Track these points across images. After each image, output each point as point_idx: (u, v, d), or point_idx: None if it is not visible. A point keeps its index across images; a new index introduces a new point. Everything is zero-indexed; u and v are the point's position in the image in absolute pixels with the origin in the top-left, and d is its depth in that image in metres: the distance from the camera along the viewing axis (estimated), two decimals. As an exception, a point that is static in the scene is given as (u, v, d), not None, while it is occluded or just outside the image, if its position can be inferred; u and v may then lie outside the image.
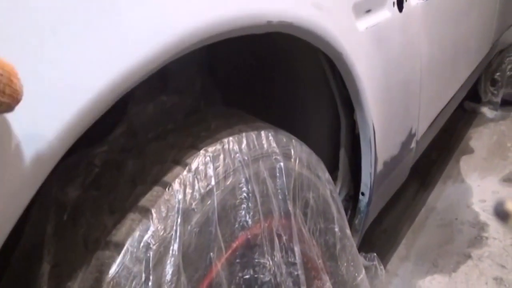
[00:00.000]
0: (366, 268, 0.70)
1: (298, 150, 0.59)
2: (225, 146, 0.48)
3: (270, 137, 0.54)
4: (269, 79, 0.73)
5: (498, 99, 2.18)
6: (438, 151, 1.71)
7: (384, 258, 1.24)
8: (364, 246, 1.04)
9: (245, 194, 0.48)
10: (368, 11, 0.73)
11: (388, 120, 0.79)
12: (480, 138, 1.89)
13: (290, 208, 0.54)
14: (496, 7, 1.72)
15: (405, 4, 0.85)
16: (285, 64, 0.71)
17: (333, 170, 0.77)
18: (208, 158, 0.45)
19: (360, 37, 0.69)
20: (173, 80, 0.59)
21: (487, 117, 2.11)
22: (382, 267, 0.74)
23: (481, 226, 1.39)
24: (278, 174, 0.53)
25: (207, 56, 0.69)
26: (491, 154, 1.78)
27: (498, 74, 2.18)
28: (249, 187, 0.48)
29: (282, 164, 0.54)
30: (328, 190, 0.64)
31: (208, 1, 0.41)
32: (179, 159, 0.44)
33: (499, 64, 2.17)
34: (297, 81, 0.73)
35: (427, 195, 1.48)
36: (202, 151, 0.46)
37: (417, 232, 1.32)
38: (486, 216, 1.43)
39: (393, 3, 0.81)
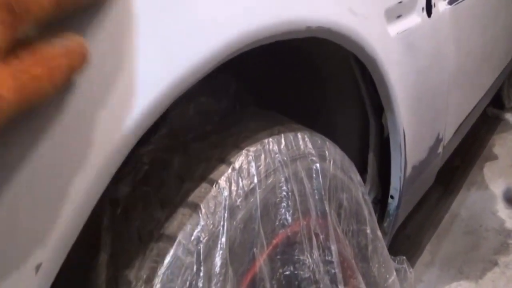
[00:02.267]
0: (396, 270, 0.70)
1: (332, 152, 0.60)
2: (265, 147, 0.49)
3: (306, 139, 0.56)
4: (296, 84, 0.75)
5: (522, 106, 2.16)
6: (462, 157, 1.70)
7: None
8: (389, 251, 1.04)
9: (284, 193, 0.49)
10: (399, 16, 0.74)
11: (417, 125, 0.80)
12: (504, 145, 1.87)
13: (326, 208, 0.55)
14: (521, 13, 1.70)
15: (433, 10, 0.86)
16: (312, 69, 0.72)
17: (361, 173, 0.78)
18: (250, 158, 0.47)
19: (391, 42, 0.70)
20: (209, 82, 0.61)
21: (511, 124, 2.09)
22: (411, 270, 0.74)
23: (508, 233, 1.37)
24: (314, 175, 0.55)
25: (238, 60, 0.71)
26: (516, 161, 1.75)
27: (522, 80, 2.15)
28: (289, 186, 0.50)
29: (318, 165, 0.55)
30: (360, 192, 0.65)
31: (256, 7, 0.43)
32: (224, 158, 0.46)
33: (522, 71, 2.15)
34: (325, 85, 0.74)
35: (451, 201, 1.47)
36: (244, 151, 0.47)
37: (442, 239, 1.31)
38: (512, 223, 1.41)
39: (422, 8, 0.82)
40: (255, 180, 0.46)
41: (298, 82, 0.74)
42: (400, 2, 0.73)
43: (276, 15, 0.46)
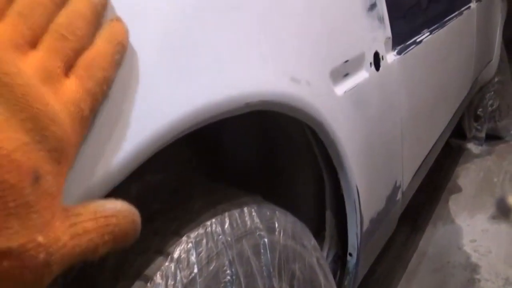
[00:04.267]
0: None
1: (282, 222, 0.59)
2: (207, 229, 0.48)
3: (253, 213, 0.54)
4: (250, 147, 0.74)
5: (482, 134, 2.23)
6: (427, 192, 1.73)
7: (378, 308, 1.22)
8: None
9: (229, 277, 0.47)
10: (346, 75, 0.75)
11: (372, 178, 0.80)
12: (468, 176, 1.91)
13: (275, 284, 0.53)
14: (474, 47, 1.79)
15: (381, 63, 0.88)
16: (266, 131, 0.72)
17: (320, 230, 0.77)
18: (190, 245, 0.45)
19: (339, 102, 0.71)
20: (160, 157, 0.60)
21: (473, 153, 2.15)
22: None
23: (473, 268, 1.38)
24: (262, 251, 0.53)
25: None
26: (479, 191, 1.80)
27: (480, 110, 2.23)
28: (233, 269, 0.48)
29: (266, 239, 0.54)
30: (314, 258, 0.63)
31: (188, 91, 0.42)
32: (162, 248, 0.44)
33: (480, 100, 2.24)
34: (279, 147, 0.74)
35: (418, 239, 1.48)
36: (184, 238, 0.46)
37: (411, 280, 1.31)
38: (477, 257, 1.43)
39: (370, 63, 0.84)
40: (195, 269, 0.44)
41: (253, 145, 0.74)
42: (346, 61, 0.74)
43: (207, 97, 0.45)
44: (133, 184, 0.53)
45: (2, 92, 0.24)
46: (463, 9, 1.57)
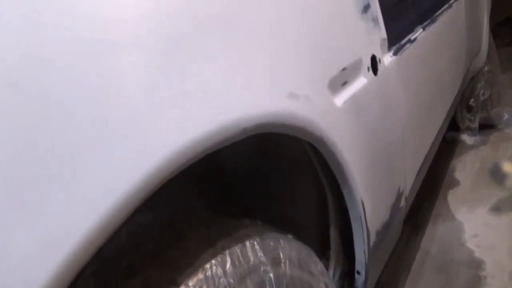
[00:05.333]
0: None
1: (287, 250, 0.54)
2: (207, 273, 0.43)
3: (256, 246, 0.50)
4: (245, 164, 0.69)
5: (475, 125, 2.22)
6: (425, 189, 1.70)
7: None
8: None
9: (234, 324, 0.43)
10: (344, 83, 0.71)
11: (375, 189, 0.76)
12: (464, 168, 1.89)
13: (285, 323, 0.49)
14: (464, 38, 1.76)
15: (379, 66, 0.84)
16: (263, 150, 0.68)
17: (325, 249, 0.73)
18: (189, 295, 0.41)
19: (339, 113, 0.67)
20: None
21: (468, 144, 2.13)
22: None
23: (478, 264, 1.36)
24: (268, 287, 0.49)
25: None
26: (477, 184, 1.77)
27: (472, 100, 2.22)
28: (238, 314, 0.43)
29: (271, 274, 0.50)
30: (323, 284, 0.59)
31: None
32: (157, 302, 0.40)
33: (472, 91, 2.22)
34: (278, 165, 0.69)
35: (420, 238, 1.45)
36: (182, 287, 0.41)
37: (416, 282, 1.28)
38: (481, 252, 1.41)
39: (368, 68, 0.80)
40: (196, 323, 0.40)
41: (249, 165, 0.69)
42: (344, 68, 0.70)
43: (201, 127, 0.40)
44: (122, 228, 0.48)
45: None
46: (452, 1, 1.54)
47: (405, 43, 1.01)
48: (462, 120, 2.16)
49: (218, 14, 0.44)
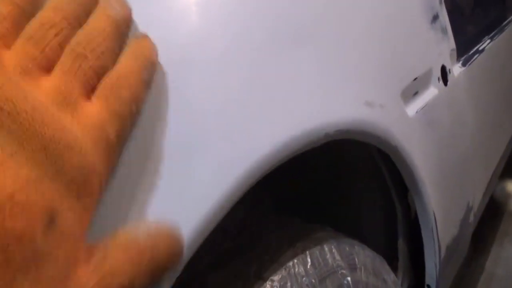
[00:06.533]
0: None
1: (362, 257, 0.55)
2: (290, 271, 0.45)
3: (334, 249, 0.51)
4: (315, 177, 0.70)
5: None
6: (488, 206, 1.62)
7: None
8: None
9: (316, 324, 0.44)
10: (416, 93, 0.71)
11: (446, 202, 0.74)
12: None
13: (362, 328, 0.49)
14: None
15: (449, 76, 0.82)
16: (331, 158, 0.68)
17: (391, 261, 0.72)
18: (275, 290, 0.42)
19: (411, 123, 0.66)
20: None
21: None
22: None
23: (550, 290, 1.27)
24: (346, 291, 0.49)
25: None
26: (546, 202, 1.66)
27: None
28: (320, 314, 0.44)
29: (349, 278, 0.50)
30: (395, 294, 0.59)
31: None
32: (246, 295, 0.41)
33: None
34: (345, 175, 0.70)
35: (484, 259, 1.38)
36: (268, 282, 0.43)
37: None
38: (554, 277, 1.31)
39: (438, 78, 0.79)
40: (283, 318, 0.41)
41: (317, 174, 0.70)
42: (415, 78, 0.70)
43: (286, 134, 0.42)
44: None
45: (5, 122, 0.20)
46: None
47: (473, 54, 0.99)
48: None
49: (310, 24, 0.47)
